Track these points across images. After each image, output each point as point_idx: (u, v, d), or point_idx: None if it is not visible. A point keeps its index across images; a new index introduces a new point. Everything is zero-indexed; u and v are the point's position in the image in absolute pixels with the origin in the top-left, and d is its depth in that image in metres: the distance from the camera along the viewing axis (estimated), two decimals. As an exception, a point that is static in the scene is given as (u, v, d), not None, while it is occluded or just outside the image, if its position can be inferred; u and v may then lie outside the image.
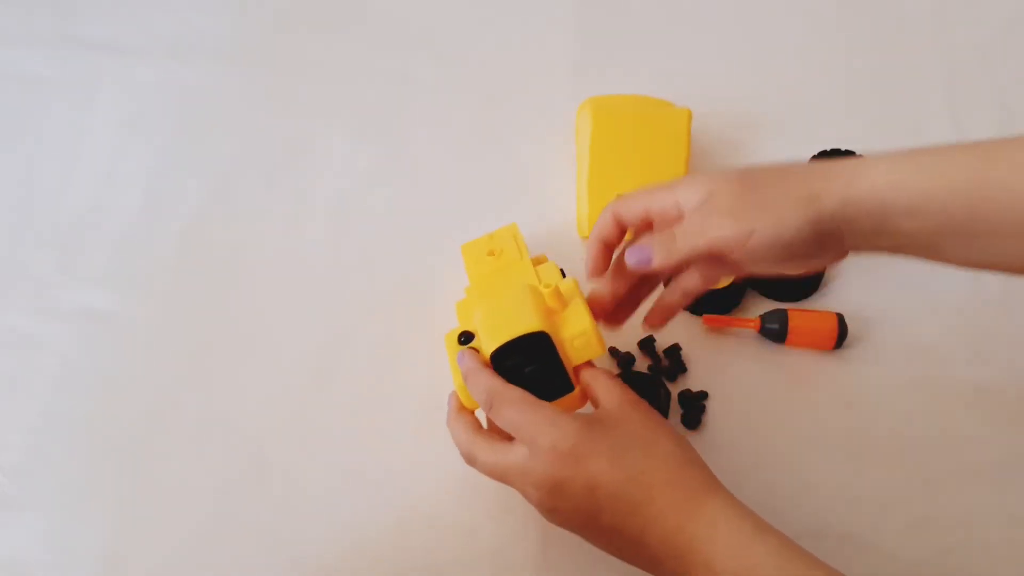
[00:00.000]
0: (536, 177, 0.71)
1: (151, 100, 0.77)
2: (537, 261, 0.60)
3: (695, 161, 0.68)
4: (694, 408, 0.58)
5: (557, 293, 0.50)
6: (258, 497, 0.56)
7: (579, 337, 0.49)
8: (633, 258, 0.49)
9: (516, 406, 0.46)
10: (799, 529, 0.54)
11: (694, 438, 0.58)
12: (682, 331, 0.62)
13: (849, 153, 0.69)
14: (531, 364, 0.49)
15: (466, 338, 0.51)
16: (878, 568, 0.53)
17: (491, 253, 0.58)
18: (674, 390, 0.59)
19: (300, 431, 0.59)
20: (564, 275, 0.57)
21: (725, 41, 0.81)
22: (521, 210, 0.69)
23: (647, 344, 0.61)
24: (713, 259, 0.48)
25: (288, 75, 0.79)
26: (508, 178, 0.72)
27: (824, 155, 0.69)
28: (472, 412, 0.51)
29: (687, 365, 0.61)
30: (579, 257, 0.66)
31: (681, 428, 0.58)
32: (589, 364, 0.51)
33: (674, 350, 0.61)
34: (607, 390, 0.48)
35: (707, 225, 0.46)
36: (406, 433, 0.58)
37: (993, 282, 0.65)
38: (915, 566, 0.53)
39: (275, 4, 0.85)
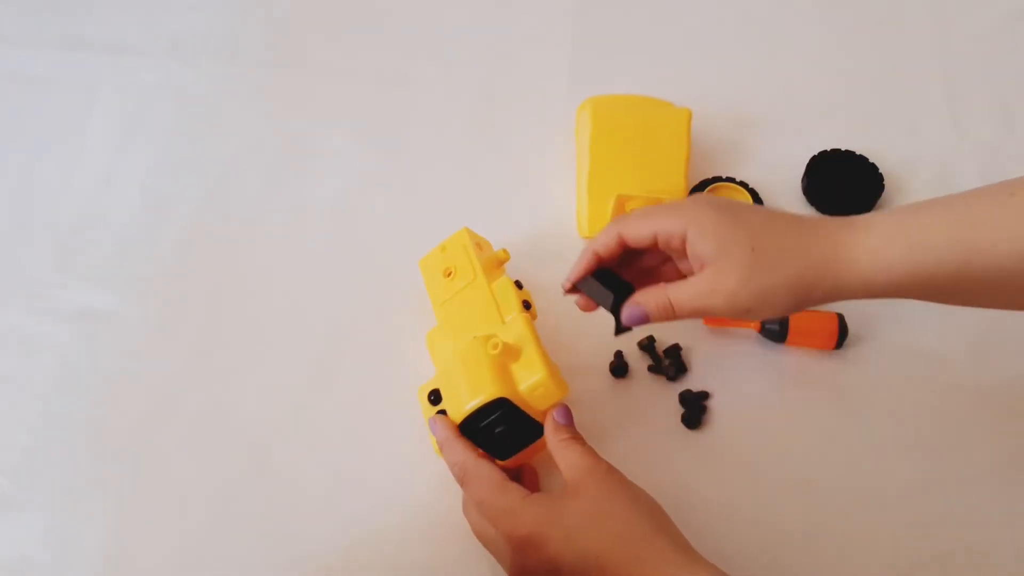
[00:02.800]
0: (536, 177, 0.71)
1: (151, 100, 0.77)
2: (497, 260, 0.59)
3: (695, 161, 0.68)
4: (695, 408, 0.58)
5: (507, 350, 0.50)
6: (258, 497, 0.56)
7: (537, 388, 0.50)
8: (629, 318, 0.49)
9: (484, 486, 0.48)
10: (799, 529, 0.54)
11: (695, 438, 0.58)
12: (683, 331, 0.62)
13: (849, 154, 0.69)
14: (498, 426, 0.50)
15: (435, 397, 0.53)
16: (878, 568, 0.53)
17: (447, 274, 0.58)
18: (675, 390, 0.59)
19: (300, 431, 0.59)
20: (521, 286, 0.57)
21: (725, 41, 0.81)
22: (521, 210, 0.69)
23: (648, 345, 0.61)
24: None
25: (288, 75, 0.79)
26: (508, 178, 0.72)
27: (824, 155, 0.69)
28: None
29: (688, 365, 0.61)
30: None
31: (683, 428, 0.58)
32: (563, 411, 0.52)
33: (675, 350, 0.61)
34: (570, 464, 0.48)
35: (709, 303, 0.46)
36: (406, 433, 0.58)
37: (993, 282, 0.65)
38: (915, 566, 0.53)
39: (275, 4, 0.85)
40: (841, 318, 0.60)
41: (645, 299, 0.48)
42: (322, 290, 0.66)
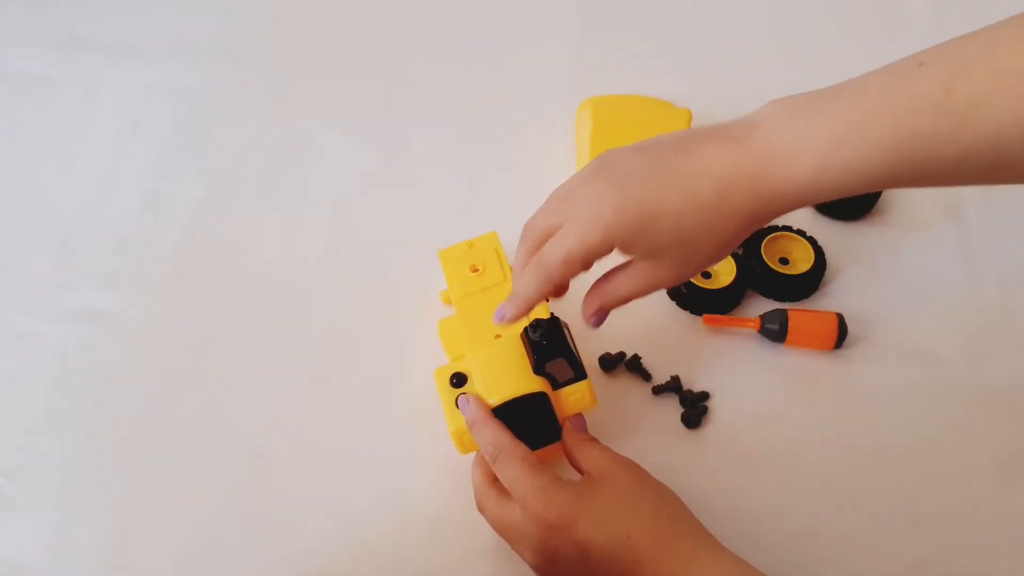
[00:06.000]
0: (536, 177, 0.71)
1: (151, 100, 0.77)
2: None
3: (695, 161, 0.68)
4: (695, 408, 0.58)
5: None
6: (258, 497, 0.56)
7: (575, 393, 0.52)
8: (596, 324, 0.50)
9: (518, 465, 0.48)
10: (798, 529, 0.54)
11: (695, 437, 0.58)
12: (683, 331, 0.62)
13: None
14: (528, 420, 0.51)
15: (459, 380, 0.53)
16: (878, 568, 0.53)
17: (474, 269, 0.59)
18: (676, 393, 0.60)
19: (300, 430, 0.59)
20: (547, 299, 0.57)
21: (725, 42, 0.81)
22: (521, 210, 0.68)
23: (675, 386, 0.60)
24: None
25: (288, 75, 0.79)
26: (508, 178, 0.72)
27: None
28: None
29: (687, 366, 0.61)
30: (579, 257, 0.67)
31: (683, 428, 0.58)
32: (577, 417, 0.53)
33: (701, 396, 0.60)
34: (589, 458, 0.50)
35: (654, 288, 0.47)
36: (406, 432, 0.58)
37: (992, 282, 0.65)
38: (915, 566, 0.53)
39: (275, 4, 0.85)
40: (841, 318, 0.60)
41: (603, 300, 0.48)
42: (322, 289, 0.66)
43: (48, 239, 0.69)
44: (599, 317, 0.49)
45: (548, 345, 0.51)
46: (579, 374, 0.52)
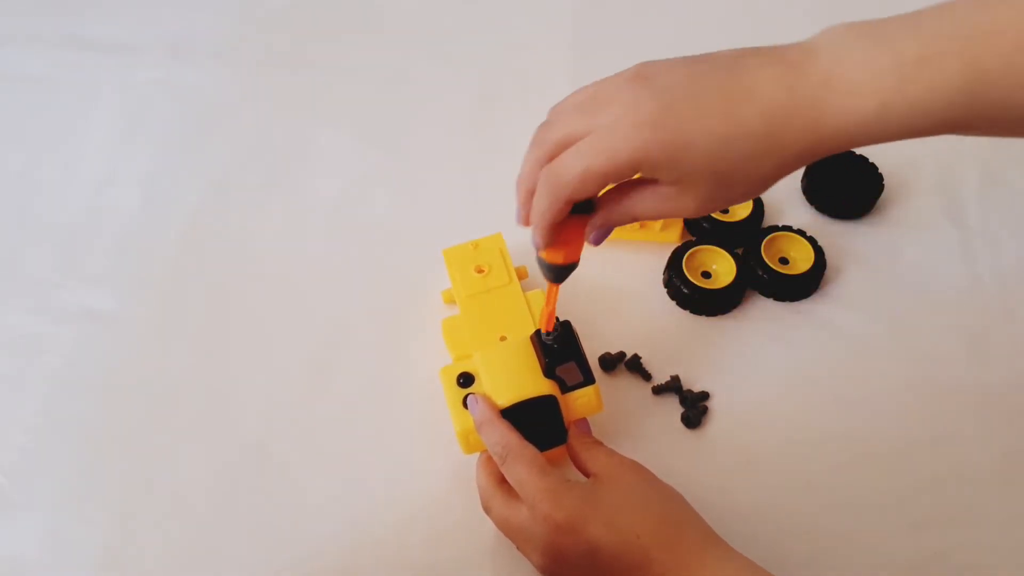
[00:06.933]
0: (536, 177, 0.71)
1: (151, 100, 0.77)
2: (518, 274, 0.61)
3: (695, 161, 0.68)
4: (695, 408, 0.58)
5: None
6: (258, 497, 0.56)
7: (582, 398, 0.52)
8: (597, 240, 0.46)
9: (527, 467, 0.48)
10: (798, 529, 0.54)
11: (695, 438, 0.58)
12: (683, 331, 0.62)
13: (849, 153, 0.69)
14: (536, 422, 0.51)
15: (466, 380, 0.53)
16: (878, 568, 0.53)
17: (479, 271, 0.59)
18: (676, 393, 0.60)
19: (300, 431, 0.59)
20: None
21: (724, 42, 0.81)
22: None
23: (674, 385, 0.60)
24: None
25: (288, 75, 0.79)
26: (508, 178, 0.71)
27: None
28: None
29: (687, 366, 0.61)
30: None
31: (683, 428, 0.58)
32: (582, 421, 0.54)
33: (700, 395, 0.60)
34: (596, 460, 0.50)
35: (674, 214, 0.43)
36: (406, 432, 0.58)
37: (992, 282, 0.65)
38: (915, 566, 0.53)
39: (275, 4, 0.85)
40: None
41: (610, 218, 0.44)
42: (322, 289, 0.66)
43: (48, 239, 0.69)
44: (601, 235, 0.45)
45: (560, 349, 0.51)
46: (588, 379, 0.52)
